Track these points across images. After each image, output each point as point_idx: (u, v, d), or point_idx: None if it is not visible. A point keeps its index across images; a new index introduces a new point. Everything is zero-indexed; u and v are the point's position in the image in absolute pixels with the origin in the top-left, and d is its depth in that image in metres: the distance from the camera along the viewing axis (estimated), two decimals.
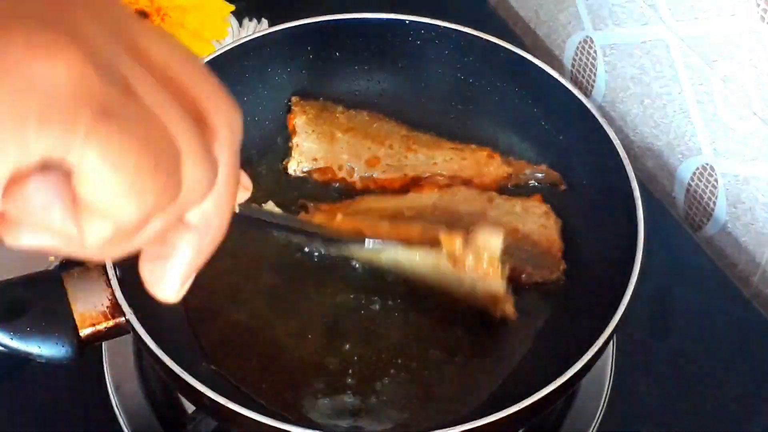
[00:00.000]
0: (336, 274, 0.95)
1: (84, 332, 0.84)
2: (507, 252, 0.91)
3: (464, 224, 0.94)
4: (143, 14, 1.25)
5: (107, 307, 0.85)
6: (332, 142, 1.02)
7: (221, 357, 0.89)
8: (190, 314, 0.92)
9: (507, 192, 1.00)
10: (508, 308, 0.89)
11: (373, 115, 1.05)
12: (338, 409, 0.87)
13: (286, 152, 1.03)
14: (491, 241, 0.87)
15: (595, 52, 1.22)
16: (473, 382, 0.89)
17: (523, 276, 0.94)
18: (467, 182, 1.00)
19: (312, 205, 0.98)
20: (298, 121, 1.03)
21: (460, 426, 0.77)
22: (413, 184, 1.01)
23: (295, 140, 1.02)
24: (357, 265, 0.94)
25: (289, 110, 1.05)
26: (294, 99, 1.05)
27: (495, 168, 1.01)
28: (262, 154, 1.03)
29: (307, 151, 1.02)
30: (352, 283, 0.94)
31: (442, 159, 1.01)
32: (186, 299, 0.93)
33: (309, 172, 1.02)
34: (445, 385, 0.89)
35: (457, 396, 0.88)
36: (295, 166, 1.02)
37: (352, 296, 0.93)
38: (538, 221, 0.96)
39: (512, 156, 1.02)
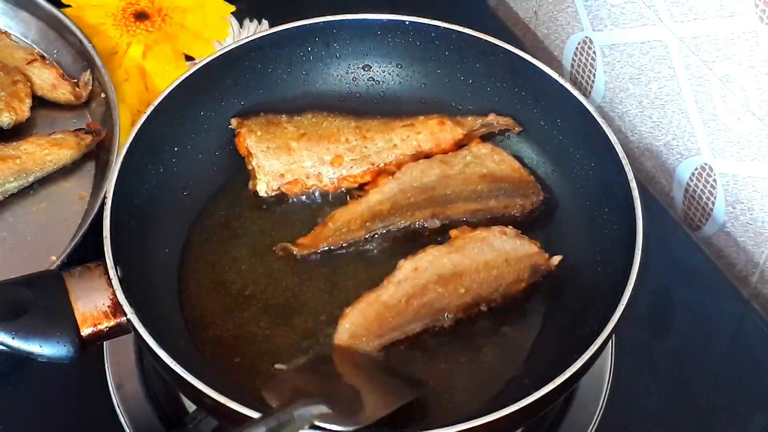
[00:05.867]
0: (335, 278, 0.95)
1: (85, 332, 0.84)
2: (489, 196, 0.98)
3: (441, 192, 0.98)
4: (144, 15, 1.26)
5: (108, 306, 0.85)
6: (291, 153, 1.00)
7: (219, 358, 0.90)
8: (189, 315, 0.92)
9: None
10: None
11: (317, 115, 1.04)
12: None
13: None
14: None
15: (594, 52, 1.23)
16: (474, 382, 0.89)
17: (515, 211, 0.99)
18: (428, 155, 1.02)
19: (290, 245, 0.96)
20: (249, 142, 1.01)
21: (459, 425, 0.77)
22: (384, 172, 1.01)
23: (254, 162, 1.00)
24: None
25: (233, 135, 1.02)
26: (235, 121, 1.03)
27: (449, 132, 1.02)
28: None
29: (270, 170, 1.00)
30: (352, 290, 0.94)
31: (399, 139, 1.02)
32: (186, 299, 0.94)
33: (279, 189, 1.00)
34: (446, 385, 0.89)
35: (458, 396, 0.88)
36: (265, 188, 1.00)
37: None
38: (492, 160, 1.01)
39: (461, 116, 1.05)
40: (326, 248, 0.96)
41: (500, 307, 0.93)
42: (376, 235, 0.97)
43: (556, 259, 0.94)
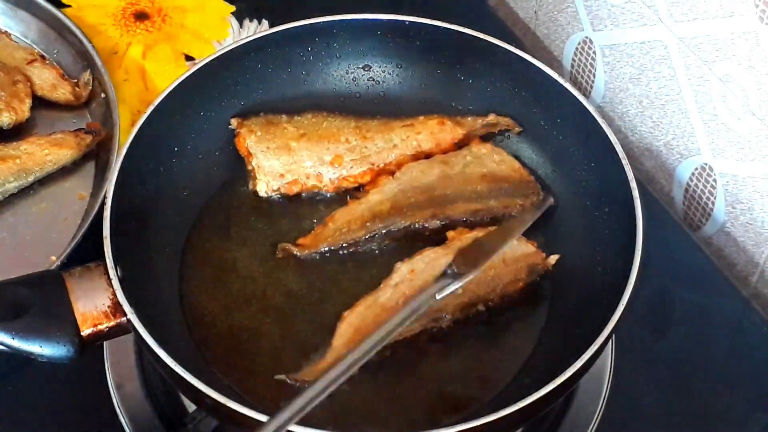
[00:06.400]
0: (335, 278, 0.95)
1: (85, 332, 0.84)
2: (490, 196, 0.98)
3: (441, 192, 0.98)
4: (144, 15, 1.26)
5: (108, 306, 0.85)
6: (291, 153, 1.00)
7: (219, 358, 0.90)
8: (189, 315, 0.92)
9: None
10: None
11: (317, 115, 1.04)
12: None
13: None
14: None
15: (594, 52, 1.23)
16: (474, 382, 0.89)
17: (515, 211, 0.98)
18: (428, 155, 1.02)
19: (290, 245, 0.96)
20: (249, 142, 1.00)
21: (459, 426, 0.77)
22: (384, 172, 1.01)
23: (254, 162, 1.00)
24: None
25: (233, 135, 1.02)
26: (235, 121, 1.03)
27: (449, 132, 1.03)
28: None
29: (270, 170, 1.00)
30: (352, 290, 0.94)
31: (399, 139, 1.02)
32: (186, 300, 0.94)
33: (279, 189, 1.00)
34: (446, 386, 0.89)
35: (458, 396, 0.88)
36: (265, 188, 1.00)
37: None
38: (492, 160, 1.01)
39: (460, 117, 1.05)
40: (327, 248, 0.96)
41: (500, 308, 0.93)
42: (377, 236, 0.97)
43: (553, 259, 0.94)
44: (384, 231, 0.97)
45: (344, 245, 0.96)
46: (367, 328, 0.88)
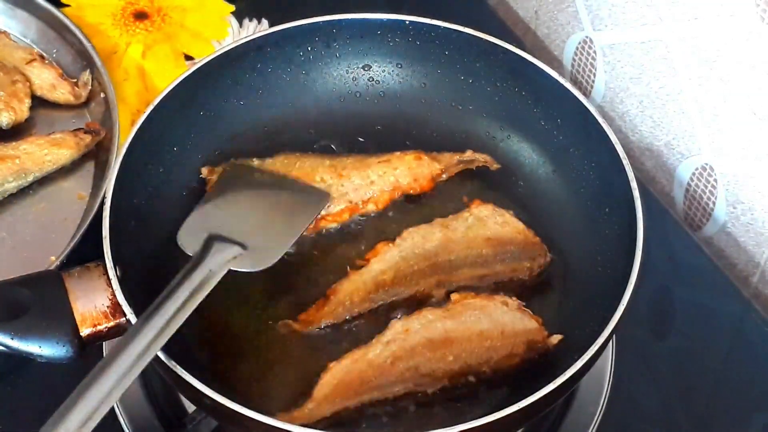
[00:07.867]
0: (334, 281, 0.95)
1: (84, 332, 0.84)
2: (495, 261, 0.94)
3: (444, 258, 0.94)
4: (144, 14, 1.26)
5: (108, 307, 0.85)
6: None
7: (219, 358, 0.90)
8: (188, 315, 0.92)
9: (446, 186, 1.01)
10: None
11: (289, 156, 1.01)
12: None
13: None
14: None
15: (594, 52, 1.23)
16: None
17: (523, 275, 0.95)
18: (406, 191, 0.99)
19: (291, 321, 0.91)
20: None
21: (459, 426, 0.77)
22: (360, 207, 0.98)
23: None
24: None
25: (203, 183, 1.00)
26: (205, 170, 1.00)
27: (426, 167, 1.00)
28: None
29: None
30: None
31: (376, 175, 0.99)
32: None
33: None
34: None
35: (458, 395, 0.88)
36: None
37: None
38: (495, 222, 0.97)
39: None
40: (329, 323, 0.92)
41: (491, 381, 0.89)
42: (380, 308, 0.93)
43: (556, 339, 0.89)
44: (388, 302, 0.93)
45: (348, 318, 0.92)
46: (352, 382, 0.86)
